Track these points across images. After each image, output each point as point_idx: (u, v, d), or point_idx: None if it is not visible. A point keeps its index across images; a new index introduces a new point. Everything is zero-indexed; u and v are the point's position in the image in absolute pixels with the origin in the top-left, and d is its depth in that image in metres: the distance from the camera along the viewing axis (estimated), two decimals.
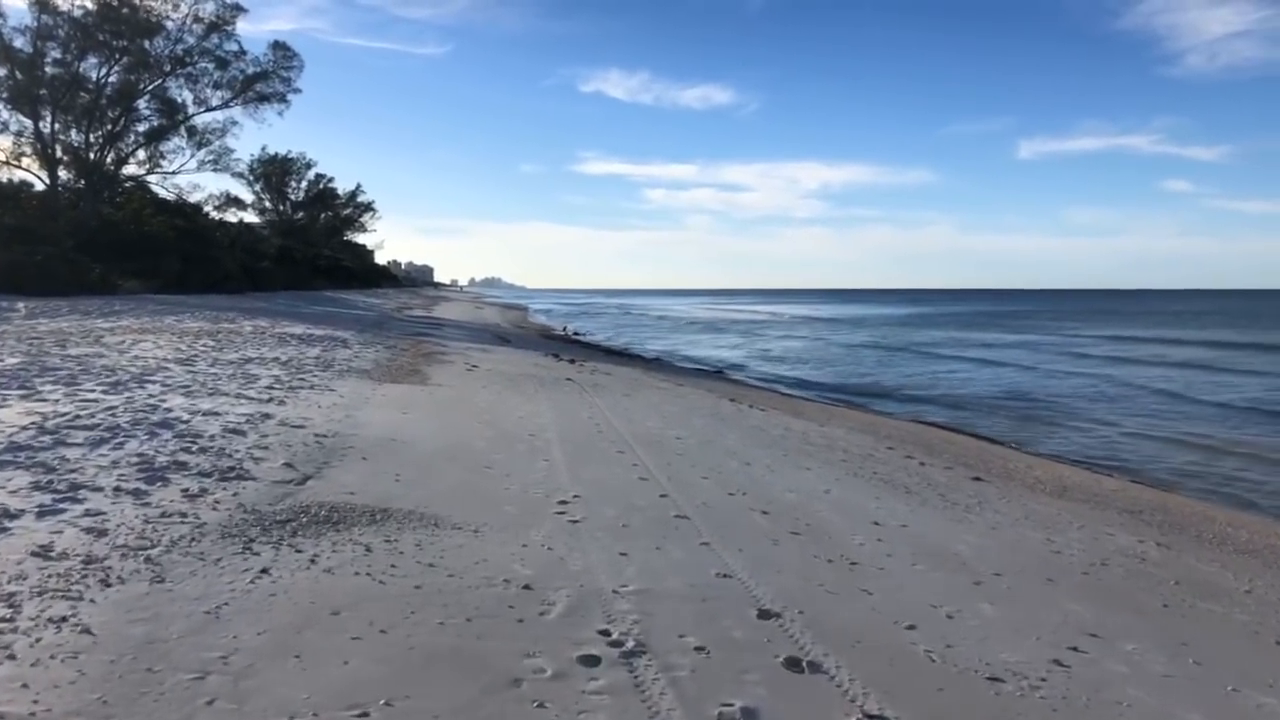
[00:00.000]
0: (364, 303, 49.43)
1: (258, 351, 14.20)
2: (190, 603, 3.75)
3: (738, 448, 9.41)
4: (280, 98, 47.16)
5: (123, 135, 44.77)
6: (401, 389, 11.43)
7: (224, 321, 20.93)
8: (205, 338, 15.72)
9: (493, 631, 3.77)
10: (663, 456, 8.23)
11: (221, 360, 12.50)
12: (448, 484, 6.31)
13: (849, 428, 12.97)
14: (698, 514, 6.12)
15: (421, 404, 10.22)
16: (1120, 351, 36.55)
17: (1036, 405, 19.12)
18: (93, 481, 5.34)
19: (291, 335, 18.17)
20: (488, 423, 9.25)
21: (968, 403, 19.46)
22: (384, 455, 7.04)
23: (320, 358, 14.15)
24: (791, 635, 4.05)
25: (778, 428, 11.72)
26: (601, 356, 26.83)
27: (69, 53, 41.02)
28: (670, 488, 6.88)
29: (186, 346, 13.92)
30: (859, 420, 14.54)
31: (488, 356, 18.66)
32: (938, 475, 9.26)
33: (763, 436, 10.64)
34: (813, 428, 12.27)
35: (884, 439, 11.99)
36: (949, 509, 7.41)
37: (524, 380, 14.04)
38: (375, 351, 16.43)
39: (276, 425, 7.71)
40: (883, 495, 7.65)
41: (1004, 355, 34.64)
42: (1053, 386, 23.31)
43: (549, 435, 8.81)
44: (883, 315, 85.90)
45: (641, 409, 11.86)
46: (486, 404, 10.75)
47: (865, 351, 36.75)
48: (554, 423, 9.68)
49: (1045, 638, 4.33)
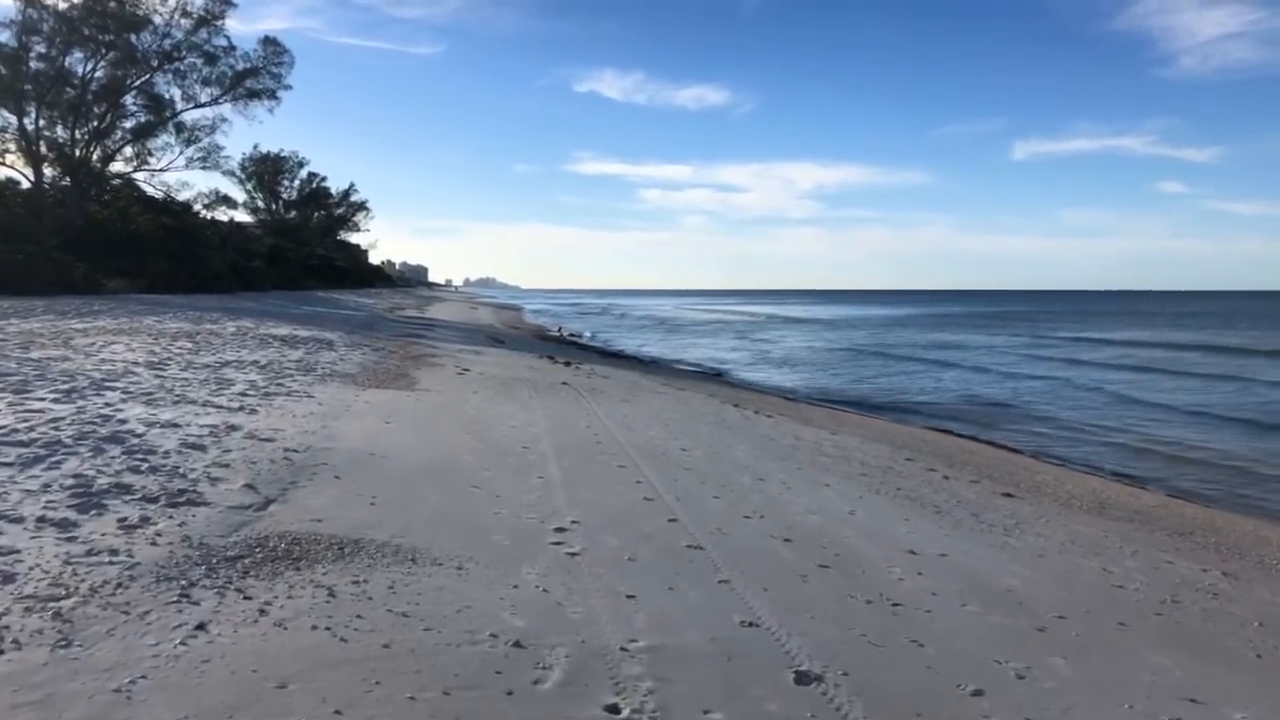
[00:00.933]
0: (355, 303, 48.61)
1: (236, 354, 13.45)
2: (97, 676, 3.02)
3: (748, 460, 8.70)
4: (270, 94, 46.28)
5: (109, 132, 43.86)
6: (386, 395, 10.70)
7: (206, 322, 20.16)
8: (183, 339, 14.96)
9: (476, 711, 3.05)
10: (668, 472, 7.52)
11: (196, 364, 11.76)
12: (430, 508, 5.58)
13: (862, 436, 12.26)
14: (712, 543, 5.40)
15: (407, 412, 9.49)
16: (1145, 359, 35.99)
17: (1040, 409, 18.48)
18: (14, 510, 4.60)
19: (275, 337, 17.41)
20: (477, 433, 8.52)
21: (979, 408, 18.79)
22: (360, 473, 6.31)
23: (302, 361, 13.41)
24: (837, 707, 3.34)
25: (788, 437, 11.02)
26: (597, 358, 26.12)
27: (54, 47, 40.14)
28: (679, 510, 6.17)
29: (161, 349, 13.16)
30: (871, 428, 13.83)
31: (480, 359, 17.93)
32: (965, 491, 8.56)
33: (774, 447, 9.93)
34: (824, 436, 11.56)
35: (900, 448, 11.29)
36: (986, 532, 6.71)
37: (517, 385, 13.32)
38: (361, 354, 15.68)
39: (243, 438, 6.97)
40: (912, 517, 6.94)
41: (1010, 361, 34.02)
42: (1077, 397, 22.69)
43: (544, 447, 8.08)
44: (880, 316, 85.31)
45: (642, 416, 11.15)
46: (477, 411, 10.03)
47: (866, 354, 36.08)
48: (549, 432, 8.96)
49: (1139, 706, 3.63)
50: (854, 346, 40.40)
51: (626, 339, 43.05)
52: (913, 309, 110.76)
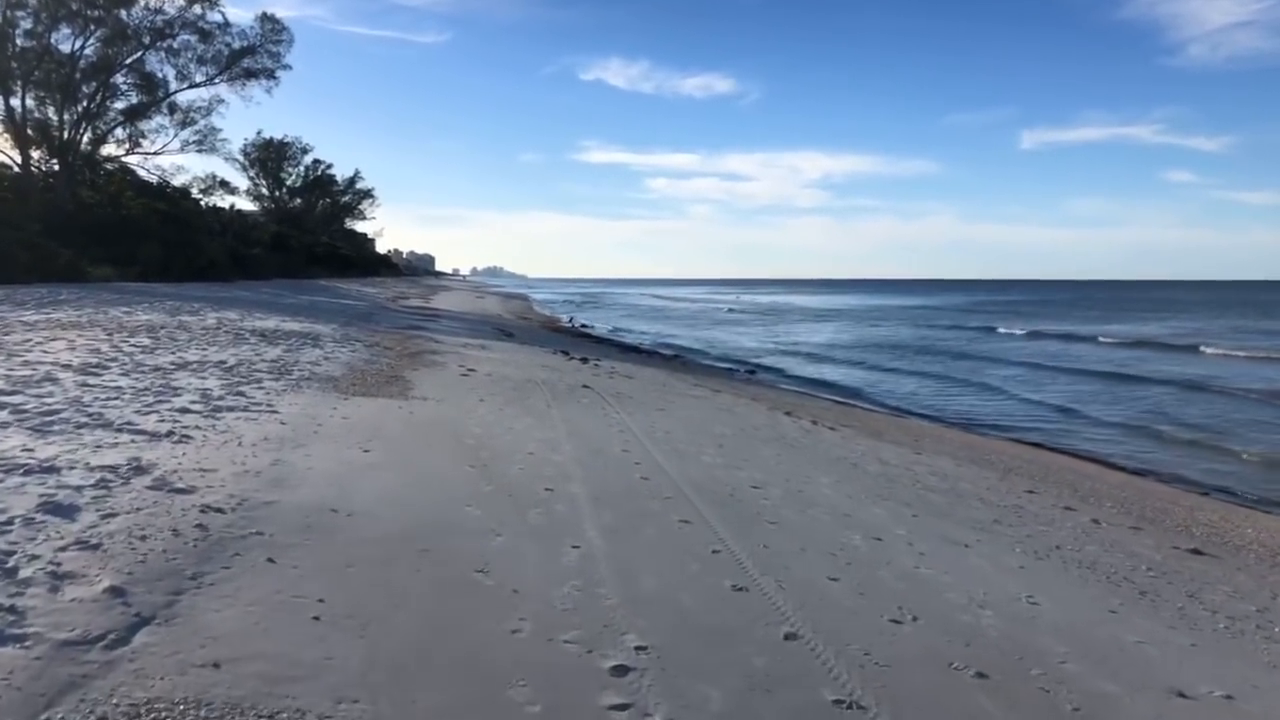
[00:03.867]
0: (358, 291, 46.49)
1: (201, 353, 11.36)
2: None
3: (843, 502, 6.57)
4: (269, 74, 44.11)
5: (100, 113, 41.80)
6: (372, 406, 8.61)
7: (185, 313, 18.09)
8: (143, 335, 12.87)
9: None
10: (749, 530, 5.39)
11: (144, 366, 9.68)
12: (404, 632, 3.46)
13: (952, 455, 10.11)
14: (869, 688, 3.28)
15: (394, 433, 7.38)
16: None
17: (1095, 412, 16.29)
18: None
19: (256, 331, 15.33)
20: (484, 466, 6.41)
21: (1040, 411, 16.61)
22: (309, 550, 4.20)
23: (279, 361, 11.32)
24: None
25: (870, 460, 8.88)
26: (615, 353, 24.00)
27: (40, 23, 38.06)
28: (790, 607, 4.05)
29: (110, 347, 11.09)
30: (952, 441, 11.67)
31: (487, 355, 15.82)
32: (1133, 543, 6.42)
33: (863, 478, 7.80)
34: (911, 458, 9.42)
35: (1007, 473, 9.15)
36: (1235, 637, 4.56)
37: (531, 389, 11.21)
38: (351, 351, 13.58)
39: (147, 488, 4.86)
40: (1113, 602, 4.81)
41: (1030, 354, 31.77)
42: None
43: (574, 490, 5.96)
44: (896, 306, 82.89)
45: (687, 432, 9.03)
46: (483, 429, 7.92)
47: (895, 347, 33.87)
48: (578, 461, 6.85)
49: None
50: (881, 338, 38.20)
51: (642, 331, 40.89)
52: (927, 299, 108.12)
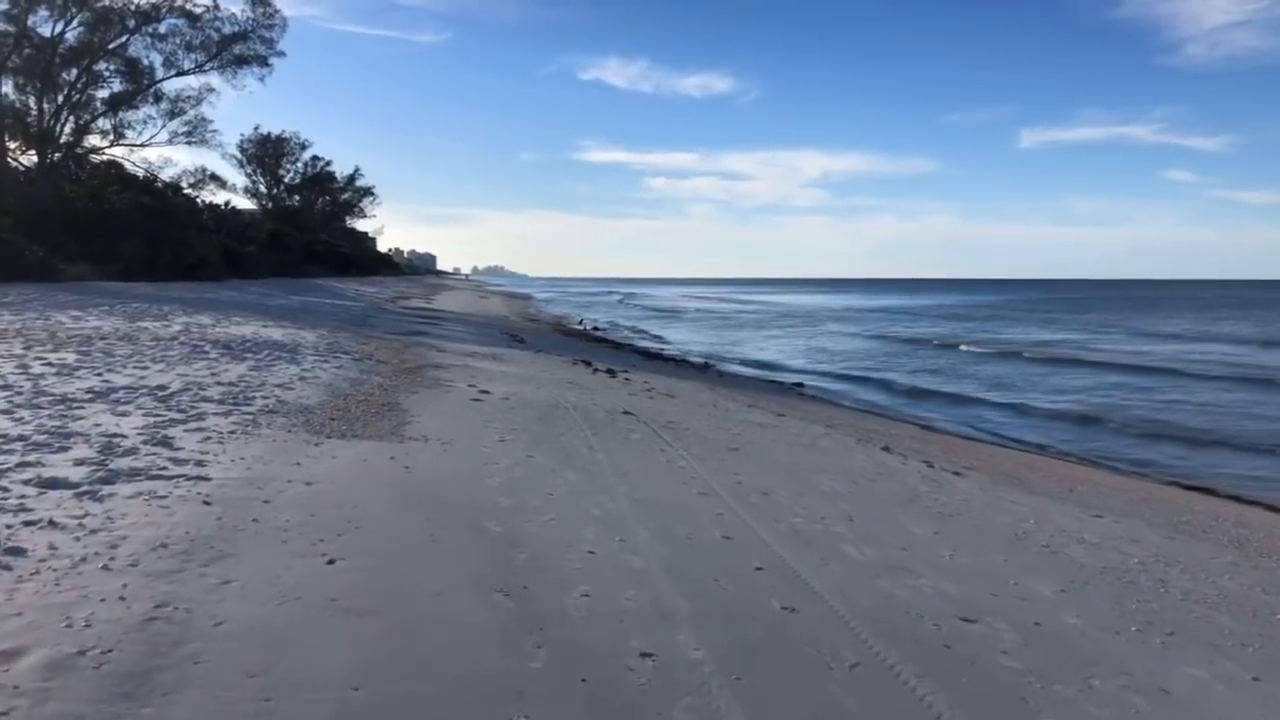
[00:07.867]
0: (355, 291, 43.94)
1: (137, 374, 8.89)
2: None
3: (1112, 642, 4.09)
4: (262, 61, 41.59)
5: (82, 102, 39.33)
6: (352, 456, 6.14)
7: (148, 318, 15.63)
8: (72, 349, 10.40)
9: None
10: (983, 709, 2.93)
11: (45, 395, 7.21)
12: None
13: (1125, 513, 7.60)
14: None
15: (378, 513, 4.89)
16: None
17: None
18: None
19: (223, 340, 12.85)
20: (523, 589, 3.93)
21: (1174, 434, 14.14)
22: None
23: (239, 383, 8.85)
24: None
25: (1052, 531, 6.36)
26: (640, 361, 21.55)
27: (16, 5, 35.59)
28: None
29: (15, 367, 8.63)
30: (1108, 485, 9.16)
31: (500, 369, 13.34)
32: None
33: (1083, 574, 5.28)
34: (1087, 520, 6.91)
35: (1198, 534, 6.67)
36: None
37: (562, 419, 8.74)
38: (336, 367, 11.09)
39: None
40: None
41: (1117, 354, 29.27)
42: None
43: (681, 639, 3.48)
44: (904, 306, 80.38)
45: (787, 489, 6.55)
46: (511, 498, 5.45)
47: (933, 353, 31.38)
48: (666, 567, 4.37)
49: None
50: (927, 342, 35.71)
51: (659, 334, 38.39)
52: (934, 299, 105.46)
